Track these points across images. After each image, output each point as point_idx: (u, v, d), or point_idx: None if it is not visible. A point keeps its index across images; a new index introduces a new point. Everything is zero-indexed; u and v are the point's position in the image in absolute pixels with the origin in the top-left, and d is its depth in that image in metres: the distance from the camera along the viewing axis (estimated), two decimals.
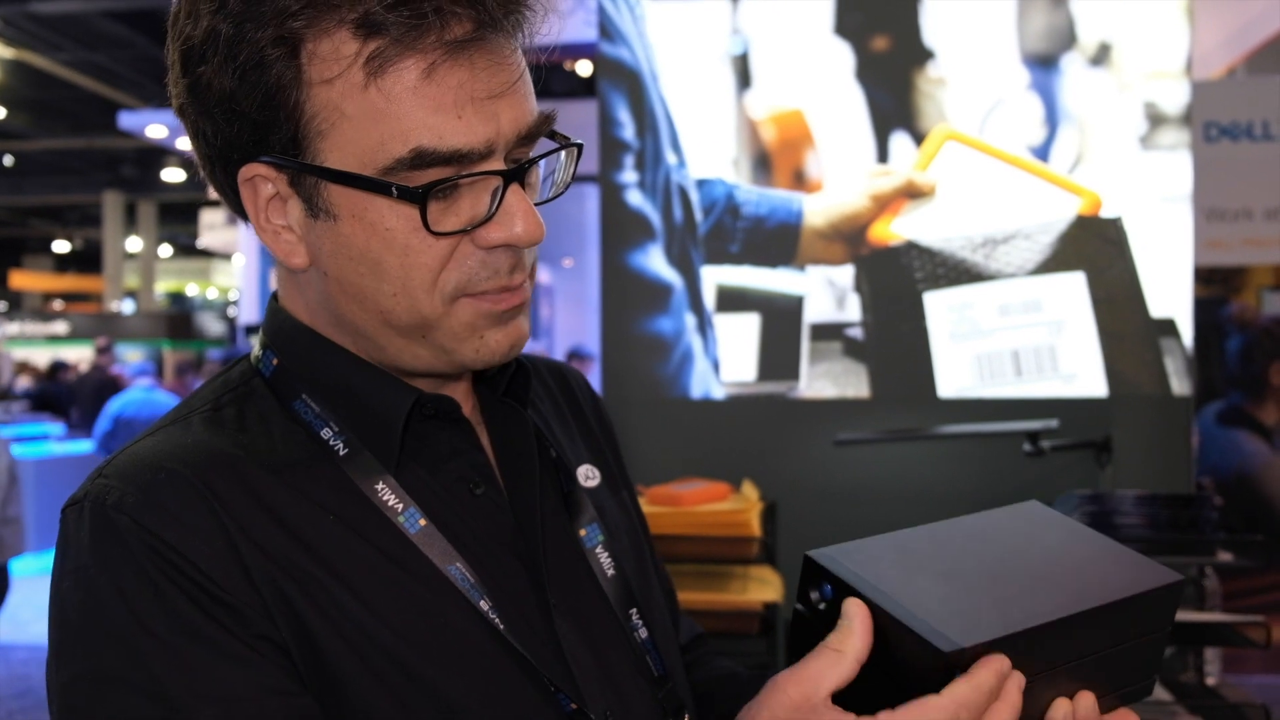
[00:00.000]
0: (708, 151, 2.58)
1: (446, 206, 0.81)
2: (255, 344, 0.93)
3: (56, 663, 0.78)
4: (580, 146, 0.89)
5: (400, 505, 0.85)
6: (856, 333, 2.54)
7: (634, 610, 0.95)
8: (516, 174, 0.82)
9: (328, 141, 0.80)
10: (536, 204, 0.86)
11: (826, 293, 2.54)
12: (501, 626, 0.83)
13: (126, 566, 0.77)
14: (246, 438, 0.86)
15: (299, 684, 0.78)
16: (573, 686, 0.86)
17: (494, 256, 0.83)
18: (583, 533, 0.96)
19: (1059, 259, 2.46)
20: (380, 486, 0.85)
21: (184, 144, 0.89)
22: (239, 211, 0.87)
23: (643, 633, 0.94)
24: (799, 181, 2.56)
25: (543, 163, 0.88)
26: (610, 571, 0.95)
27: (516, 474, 0.93)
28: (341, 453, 0.86)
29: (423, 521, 0.85)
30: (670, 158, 2.57)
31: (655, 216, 2.57)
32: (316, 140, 0.80)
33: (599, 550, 0.96)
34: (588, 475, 1.04)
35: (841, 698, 0.74)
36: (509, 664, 0.84)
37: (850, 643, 0.74)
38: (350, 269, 0.83)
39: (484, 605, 0.84)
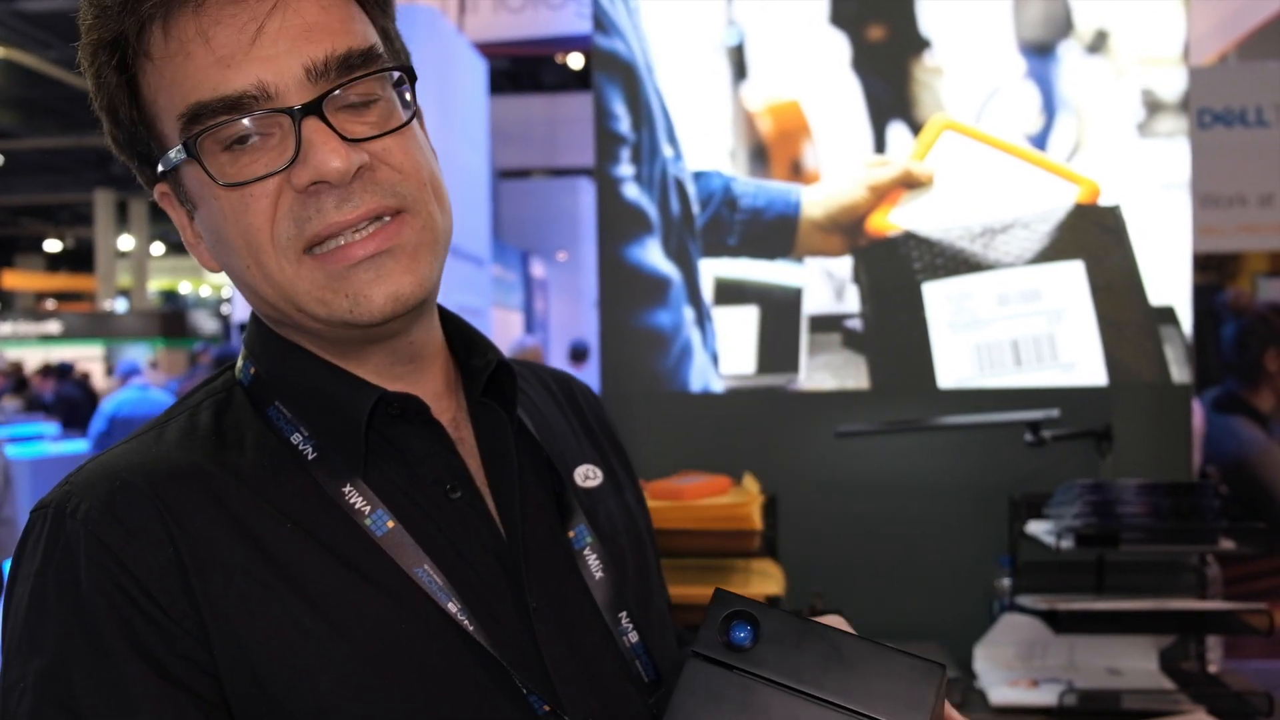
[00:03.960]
0: (704, 144, 2.57)
1: (251, 158, 0.81)
2: (240, 355, 0.95)
3: (5, 663, 0.80)
4: (403, 69, 0.86)
5: (368, 508, 0.85)
6: (855, 324, 2.53)
7: (624, 614, 0.93)
8: (309, 109, 0.80)
9: (165, 137, 0.83)
10: (368, 139, 0.83)
11: (825, 284, 2.54)
12: (470, 628, 0.82)
13: (69, 580, 0.78)
14: (218, 445, 0.86)
15: (209, 713, 0.78)
16: (548, 689, 0.84)
17: (315, 197, 0.81)
18: (571, 535, 0.95)
19: (1057, 248, 2.45)
20: (348, 489, 0.85)
21: None
22: None
23: (633, 637, 0.93)
24: (796, 173, 2.55)
25: (399, 102, 0.85)
26: (599, 574, 0.94)
27: (500, 475, 0.92)
28: (311, 457, 0.86)
29: (390, 524, 0.85)
30: (666, 150, 2.56)
31: (652, 210, 2.55)
32: (163, 140, 0.83)
33: (587, 552, 0.94)
34: (588, 475, 1.03)
35: None
36: (477, 666, 0.83)
37: None
38: (218, 254, 0.86)
39: (452, 607, 0.83)
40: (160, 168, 0.84)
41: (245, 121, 0.79)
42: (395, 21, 0.92)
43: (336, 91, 0.81)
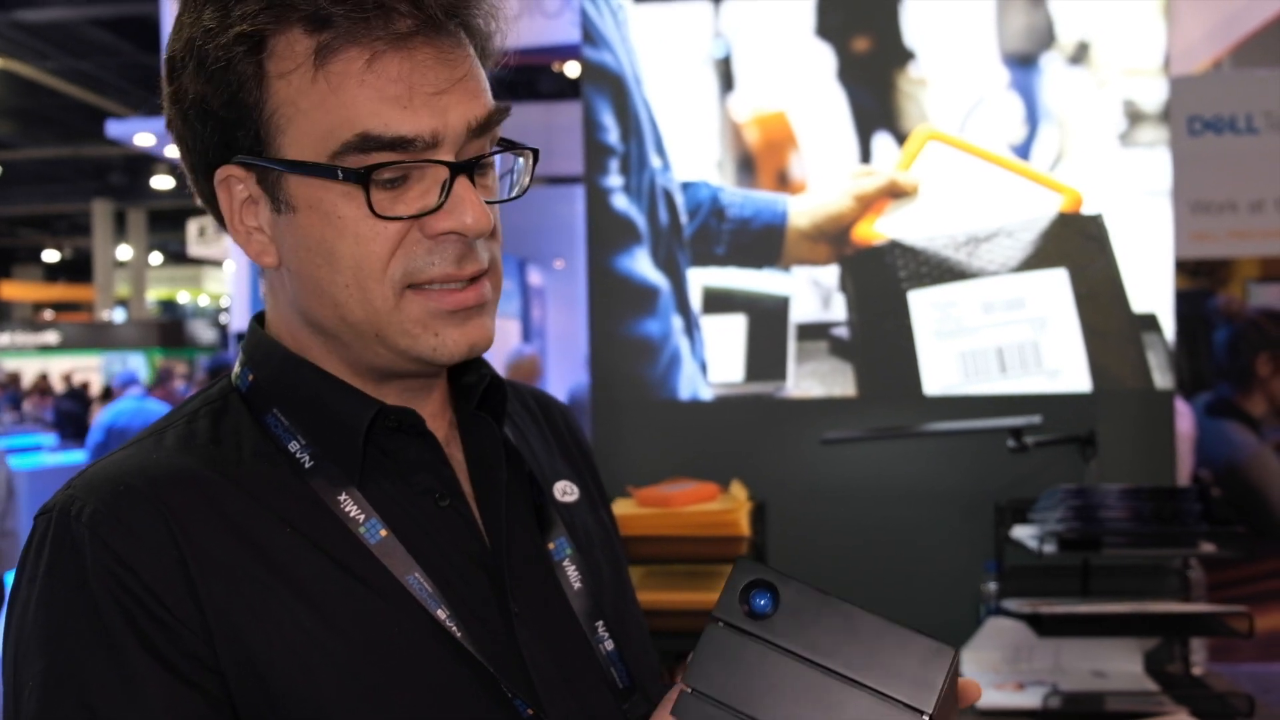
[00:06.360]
0: (692, 154, 2.60)
1: (396, 195, 0.85)
2: (237, 362, 0.96)
3: (11, 665, 0.82)
4: (535, 152, 0.92)
5: (362, 516, 0.87)
6: (842, 332, 2.56)
7: (600, 623, 0.96)
8: (465, 166, 0.85)
9: (286, 136, 0.85)
10: (494, 202, 0.89)
11: (812, 293, 2.56)
12: (459, 634, 0.85)
13: (76, 580, 0.80)
14: (216, 451, 0.88)
15: (217, 708, 0.80)
16: (531, 693, 0.87)
17: (441, 245, 0.86)
18: (551, 546, 0.98)
19: (1041, 256, 2.48)
20: (343, 498, 0.88)
21: (173, 152, 0.95)
22: (220, 220, 0.91)
23: (609, 645, 0.96)
24: (783, 183, 2.58)
25: (499, 162, 0.91)
26: (577, 584, 0.97)
27: (487, 486, 0.95)
28: (307, 465, 0.89)
29: (383, 532, 0.87)
30: (655, 161, 2.59)
31: (641, 220, 2.58)
32: (277, 136, 0.85)
33: (566, 563, 0.97)
34: (565, 491, 1.06)
35: None
36: (465, 671, 0.85)
37: None
38: (309, 261, 0.87)
39: (441, 614, 0.85)
40: (257, 161, 0.86)
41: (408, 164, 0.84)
42: None
43: (495, 160, 0.89)
